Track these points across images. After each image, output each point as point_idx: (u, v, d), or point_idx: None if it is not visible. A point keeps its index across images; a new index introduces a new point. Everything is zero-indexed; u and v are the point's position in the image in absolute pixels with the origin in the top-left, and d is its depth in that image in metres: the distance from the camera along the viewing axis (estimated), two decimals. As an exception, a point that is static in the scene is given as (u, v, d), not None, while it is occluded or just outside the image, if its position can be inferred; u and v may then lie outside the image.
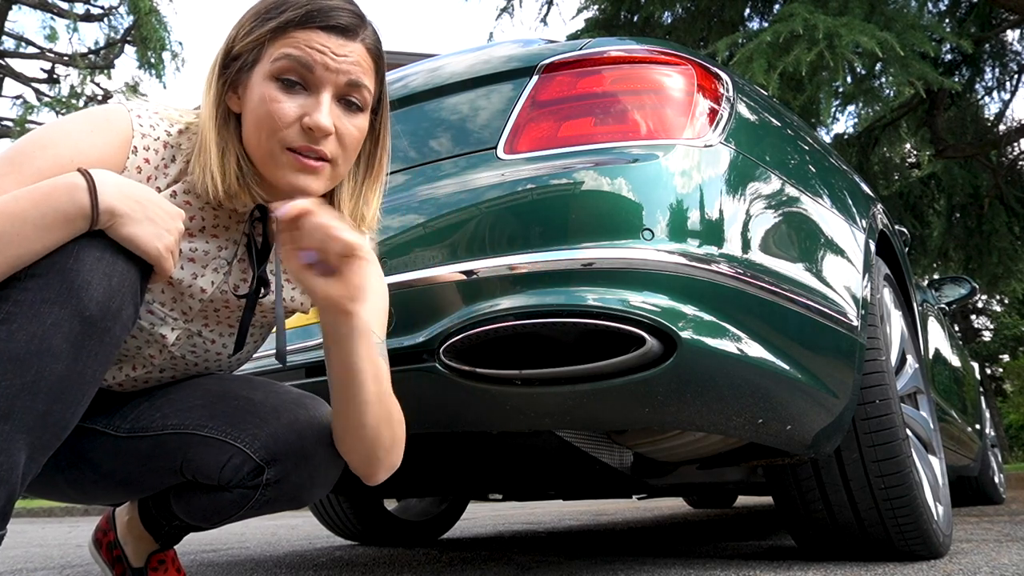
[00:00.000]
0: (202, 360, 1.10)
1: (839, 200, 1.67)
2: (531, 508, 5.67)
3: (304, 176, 0.94)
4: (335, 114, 0.95)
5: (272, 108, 0.92)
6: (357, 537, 2.72)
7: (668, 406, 1.23)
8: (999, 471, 4.70)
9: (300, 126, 0.93)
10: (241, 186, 0.97)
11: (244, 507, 1.04)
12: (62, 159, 0.89)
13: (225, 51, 0.98)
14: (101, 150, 0.92)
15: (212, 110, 0.96)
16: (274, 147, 0.93)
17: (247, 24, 0.97)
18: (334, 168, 0.97)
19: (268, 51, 0.94)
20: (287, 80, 0.93)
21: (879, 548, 1.60)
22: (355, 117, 0.97)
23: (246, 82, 0.96)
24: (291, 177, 0.94)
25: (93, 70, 11.91)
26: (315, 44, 0.93)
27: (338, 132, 0.95)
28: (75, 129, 0.92)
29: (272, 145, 0.93)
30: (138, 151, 0.95)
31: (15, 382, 0.80)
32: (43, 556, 2.67)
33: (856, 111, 7.84)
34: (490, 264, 1.22)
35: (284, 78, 0.93)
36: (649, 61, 1.37)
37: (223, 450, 1.00)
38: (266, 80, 0.93)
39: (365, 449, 1.01)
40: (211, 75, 0.98)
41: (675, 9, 7.00)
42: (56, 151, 0.89)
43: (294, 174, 0.94)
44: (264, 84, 0.93)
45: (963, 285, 4.14)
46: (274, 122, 0.92)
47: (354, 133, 0.97)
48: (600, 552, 2.14)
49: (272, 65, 0.93)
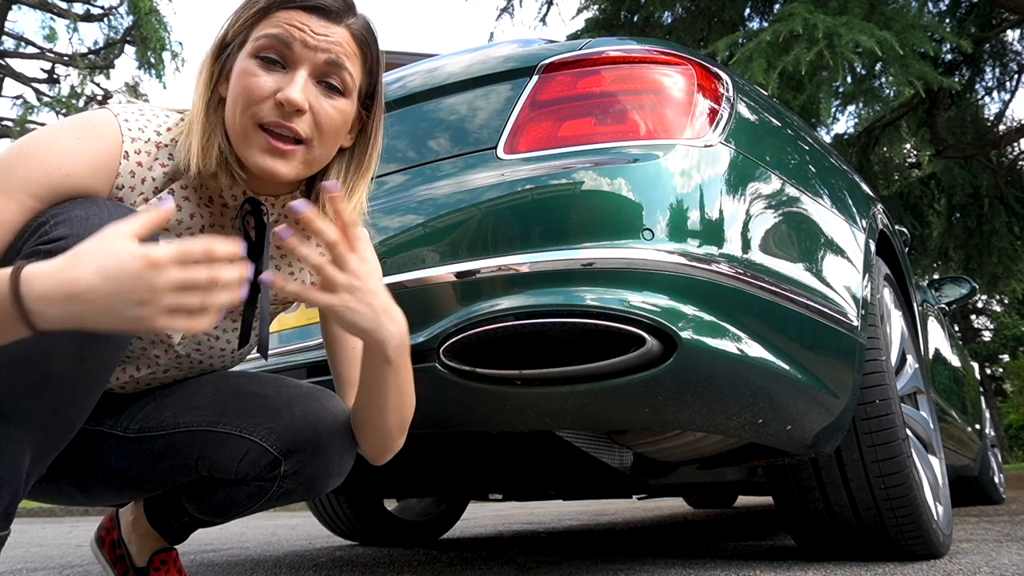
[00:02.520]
0: (206, 358, 1.10)
1: (839, 200, 1.67)
2: (531, 508, 5.67)
3: (272, 158, 0.93)
4: (311, 92, 0.94)
5: (248, 82, 0.92)
6: (357, 537, 2.72)
7: (668, 406, 1.23)
8: (999, 471, 4.70)
9: (273, 102, 0.92)
10: (221, 167, 0.96)
11: (261, 500, 1.05)
12: (48, 167, 0.88)
13: (219, 40, 0.98)
14: (89, 157, 0.91)
15: (202, 94, 0.96)
16: (247, 123, 0.92)
17: (238, 11, 0.98)
18: (308, 150, 0.95)
19: (253, 32, 0.95)
20: (266, 57, 0.93)
21: (879, 548, 1.60)
22: (334, 99, 0.96)
23: (232, 65, 0.96)
24: (259, 158, 0.93)
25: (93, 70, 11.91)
26: (295, 22, 0.93)
27: (313, 111, 0.94)
28: (61, 136, 0.91)
29: (245, 121, 0.92)
30: (130, 155, 0.95)
31: (21, 382, 0.80)
32: (43, 556, 2.67)
33: (856, 111, 7.85)
34: (490, 264, 1.22)
35: (263, 55, 0.93)
36: (649, 61, 1.37)
37: (240, 445, 1.01)
38: (247, 58, 0.94)
39: (381, 437, 1.04)
40: (204, 62, 0.98)
41: (675, 9, 7.00)
42: (42, 159, 0.88)
43: (262, 155, 0.92)
44: (244, 61, 0.94)
45: (963, 285, 4.14)
46: (249, 95, 0.92)
47: (331, 113, 0.95)
48: (600, 552, 2.14)
49: (253, 44, 0.94)
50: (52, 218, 0.85)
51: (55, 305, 0.71)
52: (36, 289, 0.71)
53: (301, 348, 1.42)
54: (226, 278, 0.74)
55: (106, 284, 0.71)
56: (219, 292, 0.75)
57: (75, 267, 0.71)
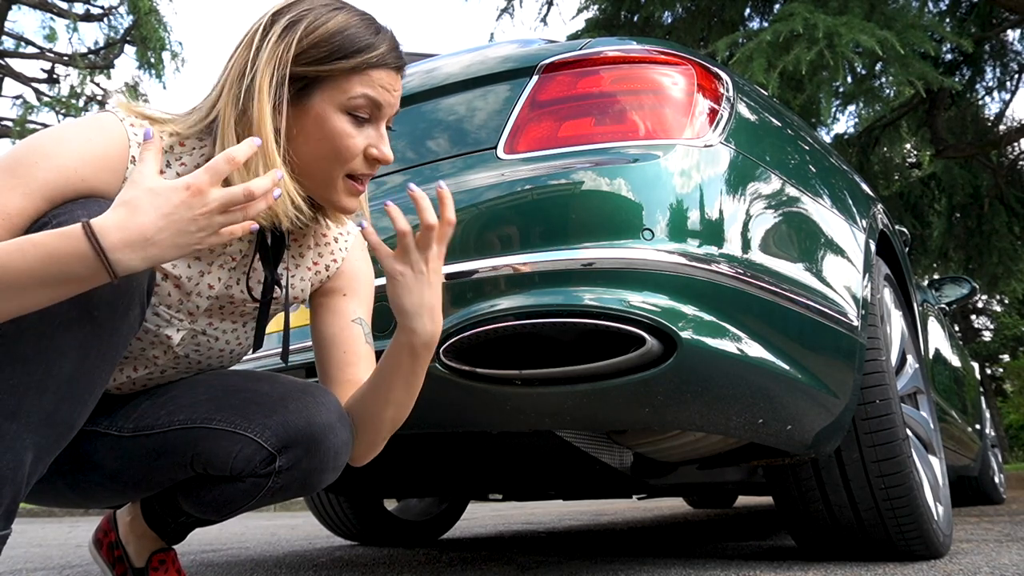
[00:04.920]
0: (205, 358, 1.11)
1: (839, 200, 1.67)
2: (531, 508, 5.67)
3: (354, 200, 1.03)
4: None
5: (347, 143, 0.98)
6: (357, 537, 2.72)
7: (668, 406, 1.22)
8: (999, 471, 4.70)
9: (365, 156, 1.00)
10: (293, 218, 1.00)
11: (256, 496, 1.05)
12: (66, 169, 0.88)
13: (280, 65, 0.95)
14: (102, 159, 0.91)
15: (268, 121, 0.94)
16: (337, 173, 1.00)
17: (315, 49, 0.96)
18: None
19: (343, 85, 0.97)
20: (359, 116, 0.99)
21: (879, 548, 1.60)
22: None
23: (305, 104, 0.97)
24: (345, 200, 1.02)
25: (93, 70, 11.90)
26: (386, 84, 1.00)
27: None
28: (72, 137, 0.91)
29: (336, 172, 1.00)
30: (136, 160, 0.95)
31: (22, 381, 0.80)
32: (43, 556, 2.67)
33: (856, 111, 7.85)
34: (490, 264, 1.22)
35: (358, 115, 0.99)
36: (649, 61, 1.37)
37: (234, 441, 1.01)
38: (339, 113, 0.98)
39: (372, 434, 1.08)
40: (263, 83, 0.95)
41: (675, 9, 7.00)
42: (59, 161, 0.88)
43: (348, 198, 1.02)
44: (337, 117, 0.98)
45: (963, 285, 4.14)
46: (346, 154, 0.99)
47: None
48: (600, 552, 2.14)
49: (349, 102, 0.98)
50: (55, 218, 0.85)
51: (134, 251, 0.78)
52: (114, 241, 0.78)
53: (300, 348, 1.42)
54: (258, 187, 0.82)
55: (167, 221, 0.79)
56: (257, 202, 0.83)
57: (135, 215, 0.79)
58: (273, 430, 1.01)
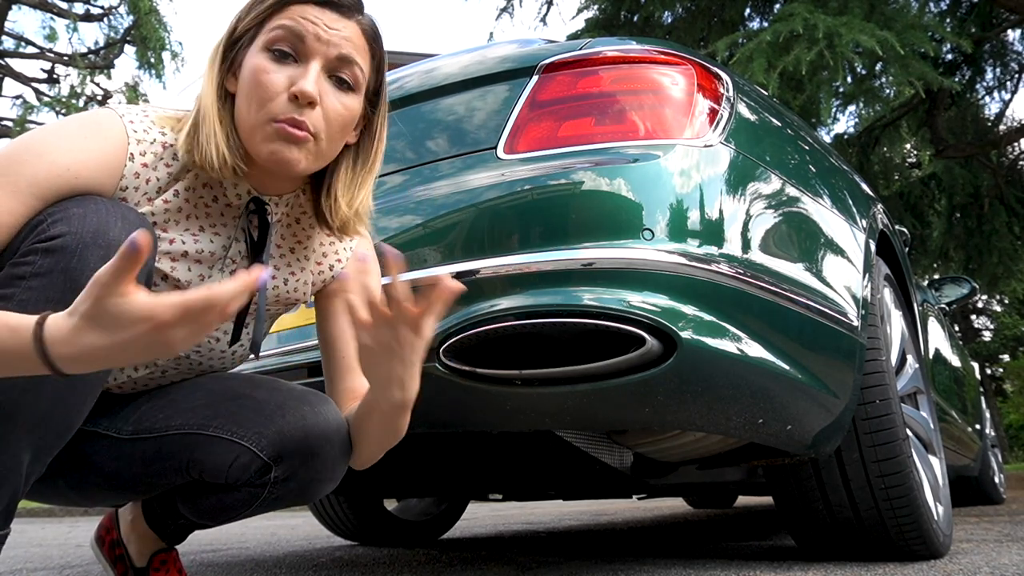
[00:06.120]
0: (206, 359, 1.10)
1: (839, 200, 1.67)
2: (531, 508, 5.66)
3: (287, 145, 0.92)
4: (323, 87, 0.94)
5: (262, 78, 0.92)
6: (357, 537, 2.72)
7: (668, 406, 1.22)
8: (999, 471, 4.70)
9: (287, 96, 0.92)
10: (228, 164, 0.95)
11: (252, 505, 1.04)
12: (58, 167, 0.87)
13: (229, 34, 0.98)
14: (97, 158, 0.91)
15: (213, 89, 0.96)
16: (261, 118, 0.92)
17: (249, 4, 0.97)
18: (316, 144, 0.94)
19: (265, 26, 0.95)
20: (279, 51, 0.93)
21: (879, 548, 1.60)
22: (344, 95, 0.96)
23: (242, 60, 0.96)
24: (274, 146, 0.92)
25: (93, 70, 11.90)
26: (309, 16, 0.94)
27: (323, 105, 0.94)
28: (68, 135, 0.90)
29: (260, 117, 0.92)
30: (135, 157, 0.94)
31: (20, 380, 0.80)
32: (43, 556, 2.67)
33: (856, 111, 7.86)
34: (490, 264, 1.22)
35: (276, 48, 0.93)
36: (649, 61, 1.37)
37: (230, 449, 1.00)
38: (259, 52, 0.94)
39: (368, 455, 1.05)
40: (212, 56, 0.98)
41: (675, 9, 7.01)
42: (51, 158, 0.88)
43: (276, 143, 0.92)
44: (257, 55, 0.94)
45: (963, 285, 4.14)
46: (264, 91, 0.92)
47: (340, 110, 0.95)
48: (600, 552, 2.14)
49: (266, 36, 0.94)
50: (50, 216, 0.85)
51: (82, 365, 0.73)
52: (62, 353, 0.72)
53: (301, 348, 1.42)
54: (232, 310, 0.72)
55: (120, 349, 0.72)
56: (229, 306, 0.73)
57: (89, 334, 0.72)
58: (269, 439, 1.00)
